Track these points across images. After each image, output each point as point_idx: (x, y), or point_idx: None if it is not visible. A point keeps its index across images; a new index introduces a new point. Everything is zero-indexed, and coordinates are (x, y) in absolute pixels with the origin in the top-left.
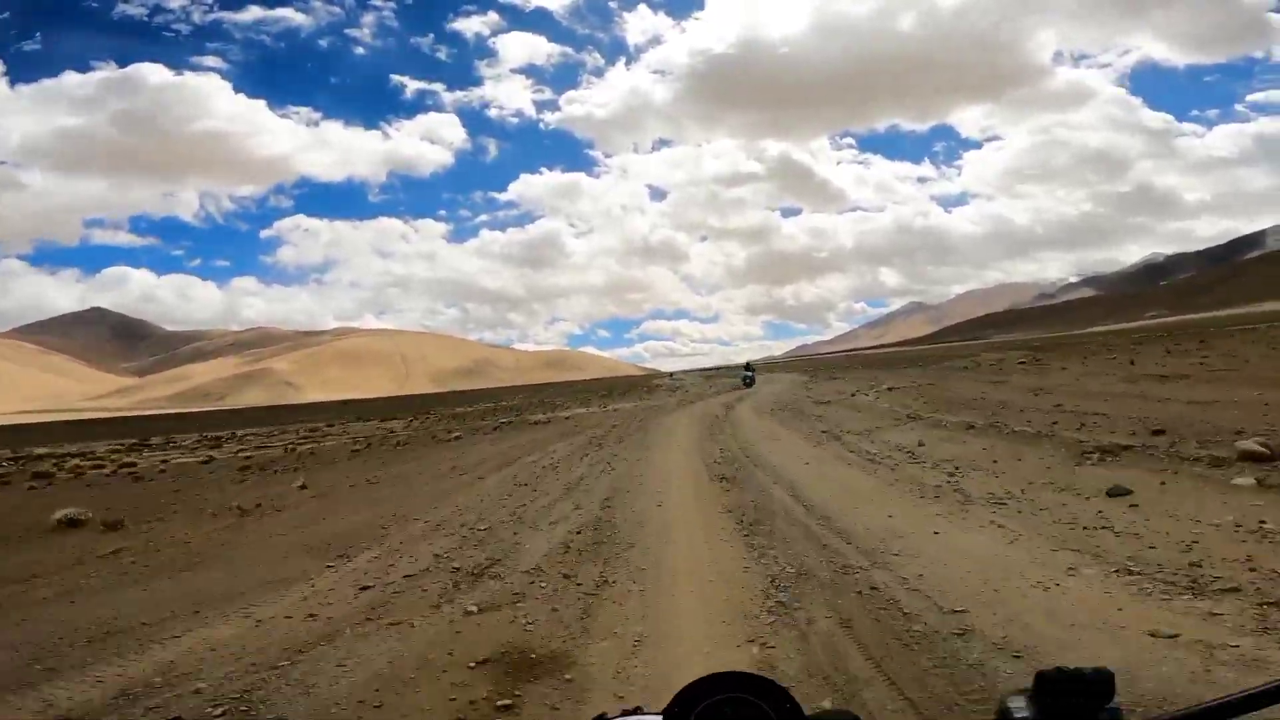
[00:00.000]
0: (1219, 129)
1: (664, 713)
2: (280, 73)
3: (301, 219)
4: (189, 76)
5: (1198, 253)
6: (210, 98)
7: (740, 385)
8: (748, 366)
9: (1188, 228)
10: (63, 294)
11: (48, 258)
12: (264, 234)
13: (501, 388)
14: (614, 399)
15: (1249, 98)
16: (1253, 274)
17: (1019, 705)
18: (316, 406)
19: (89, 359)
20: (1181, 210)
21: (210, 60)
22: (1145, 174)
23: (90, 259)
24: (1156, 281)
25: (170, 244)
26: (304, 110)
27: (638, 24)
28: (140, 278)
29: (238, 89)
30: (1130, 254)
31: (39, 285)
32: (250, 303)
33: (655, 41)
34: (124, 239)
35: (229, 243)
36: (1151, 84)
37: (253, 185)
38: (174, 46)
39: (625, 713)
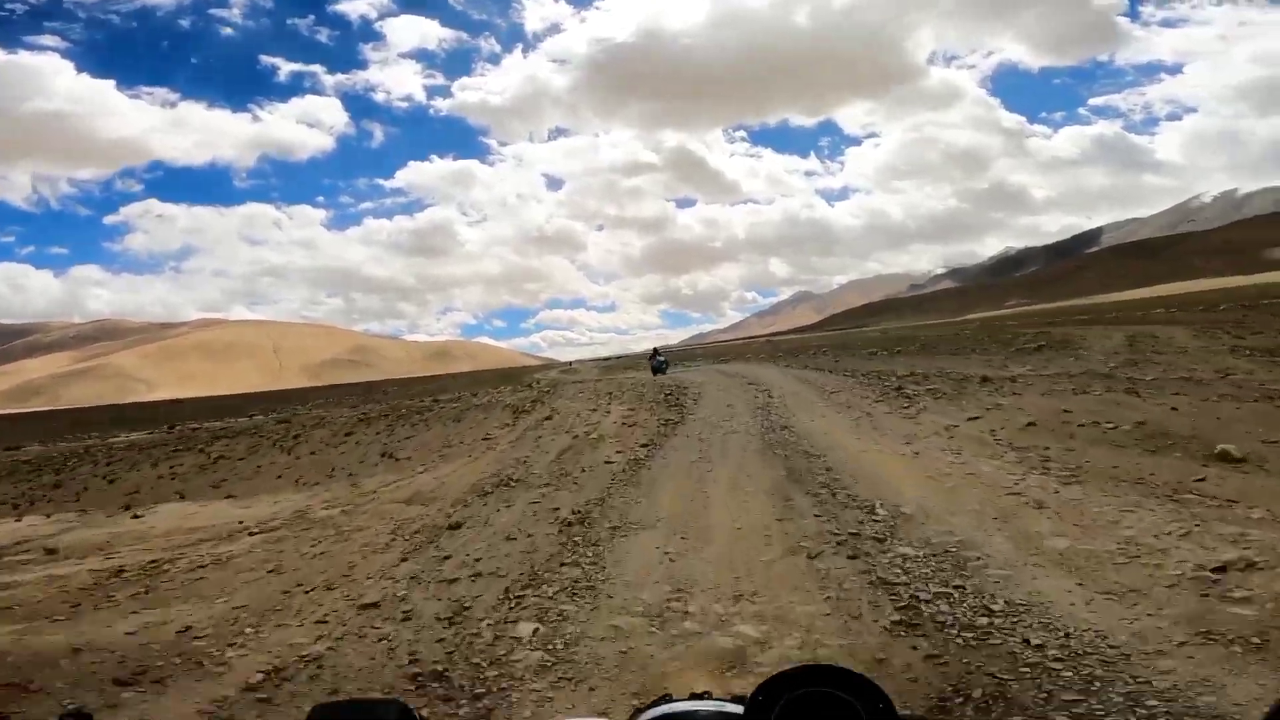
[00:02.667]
0: (1064, 130)
1: (748, 702)
2: (131, 52)
3: (154, 204)
4: (24, 56)
5: (1045, 247)
6: (47, 78)
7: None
8: (656, 352)
9: (1036, 223)
10: None
11: None
12: (109, 220)
13: (380, 381)
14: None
15: (1091, 101)
16: (1094, 267)
17: None
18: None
19: None
20: (1031, 206)
21: (48, 39)
22: (1001, 172)
23: None
24: (1011, 273)
25: None
26: (159, 91)
27: (537, 10)
28: None
29: (81, 69)
30: (988, 247)
31: None
32: (95, 293)
33: (554, 29)
34: None
35: (67, 229)
36: (1010, 86)
37: (95, 168)
38: (6, 25)
39: (693, 696)
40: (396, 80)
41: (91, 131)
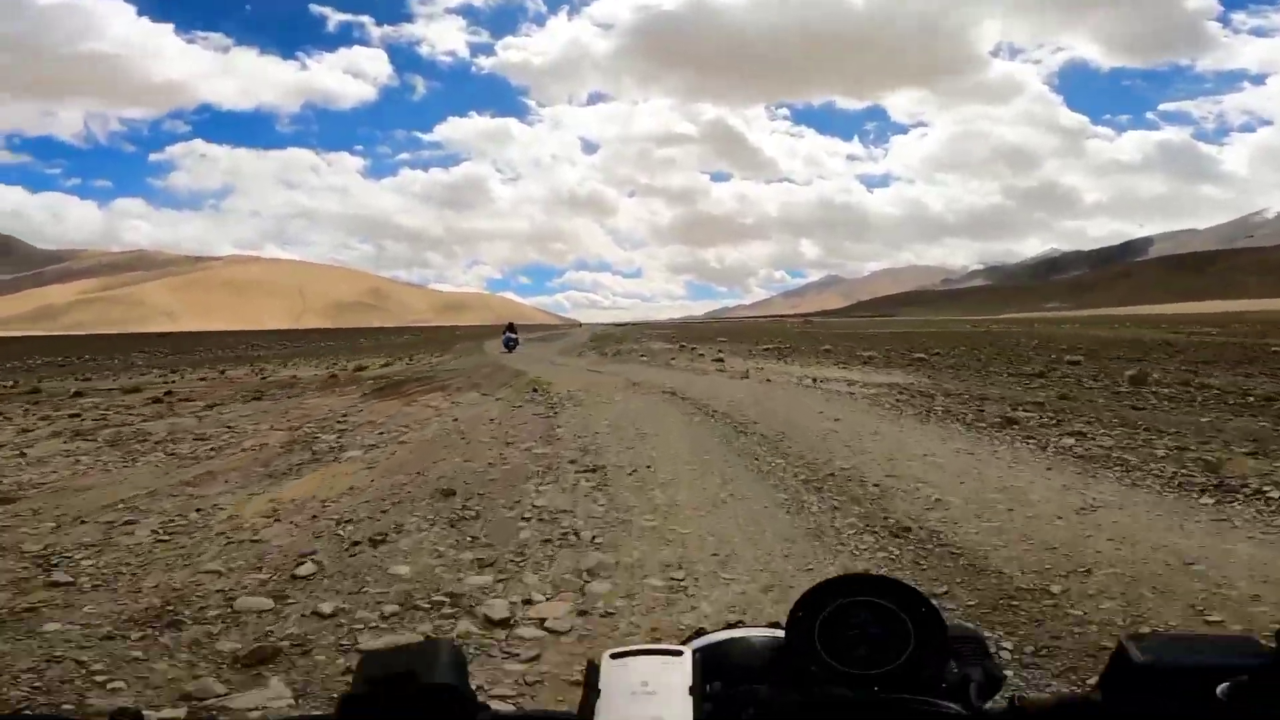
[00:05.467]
0: (1128, 134)
1: (789, 620)
2: None
3: (199, 144)
4: None
5: (1090, 252)
6: (105, 19)
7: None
8: (510, 328)
9: (1081, 227)
10: None
11: None
12: (154, 157)
13: (387, 328)
14: None
15: (1161, 106)
16: (1140, 277)
17: None
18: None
19: None
20: (1078, 209)
21: None
22: (1052, 172)
23: None
24: (1050, 276)
25: (45, 162)
26: (214, 36)
27: None
28: (8, 194)
29: (142, 12)
30: (1028, 247)
31: None
32: (134, 225)
33: None
34: None
35: (113, 164)
36: (1076, 84)
37: (145, 108)
38: None
39: (729, 625)
40: (441, 35)
41: (143, 73)
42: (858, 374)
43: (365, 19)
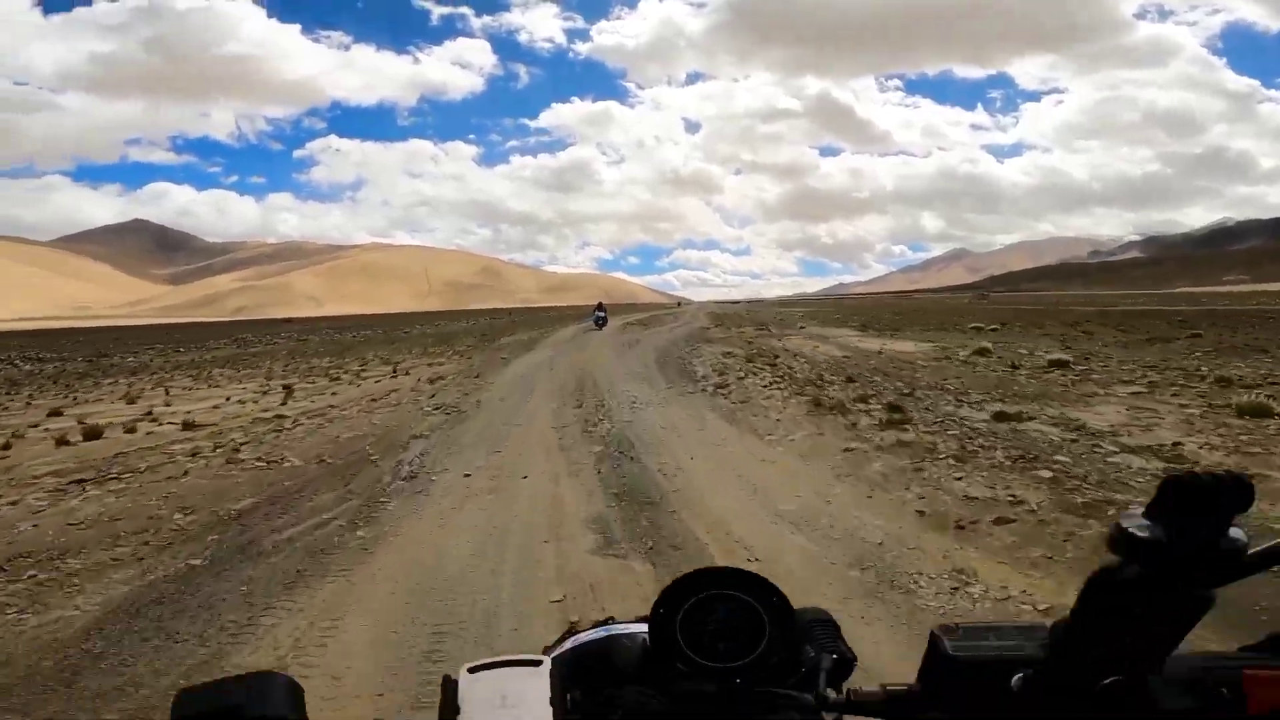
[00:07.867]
0: None
1: (650, 618)
2: None
3: (333, 139)
4: (217, 1)
5: (1272, 220)
6: (239, 22)
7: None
8: (600, 307)
9: (1258, 193)
10: (104, 208)
11: (88, 174)
12: (297, 154)
13: (496, 309)
14: None
15: None
16: None
17: (1140, 525)
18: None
19: (127, 267)
20: (1254, 175)
21: None
22: (1220, 137)
23: (130, 175)
24: (1223, 246)
25: (206, 161)
26: (335, 34)
27: None
28: (179, 193)
29: (270, 13)
30: (1192, 217)
31: (81, 199)
32: (285, 218)
33: None
34: (162, 157)
35: (263, 161)
36: (1240, 46)
37: (284, 107)
38: None
39: (597, 624)
40: (538, 22)
41: (278, 73)
42: None
43: (465, 10)
